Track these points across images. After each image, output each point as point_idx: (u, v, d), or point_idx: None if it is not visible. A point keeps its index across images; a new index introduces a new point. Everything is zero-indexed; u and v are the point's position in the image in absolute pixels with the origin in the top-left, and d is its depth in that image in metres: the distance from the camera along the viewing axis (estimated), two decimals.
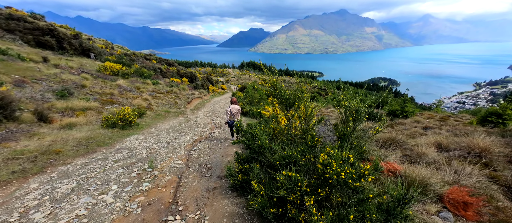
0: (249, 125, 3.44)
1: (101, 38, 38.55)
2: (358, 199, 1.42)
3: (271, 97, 2.82)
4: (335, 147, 1.60)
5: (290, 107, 2.58)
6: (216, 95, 26.66)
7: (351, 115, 2.06)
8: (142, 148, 4.80)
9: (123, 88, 14.97)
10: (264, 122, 4.65)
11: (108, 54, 26.58)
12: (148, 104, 13.17)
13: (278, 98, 2.62)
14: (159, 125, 8.31)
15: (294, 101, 2.75)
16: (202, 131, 7.05)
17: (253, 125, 3.58)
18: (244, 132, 2.67)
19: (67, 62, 15.76)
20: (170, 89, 19.38)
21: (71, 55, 18.81)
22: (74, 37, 21.39)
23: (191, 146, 5.25)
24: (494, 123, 10.81)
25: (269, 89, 2.64)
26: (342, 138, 2.03)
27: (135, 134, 6.10)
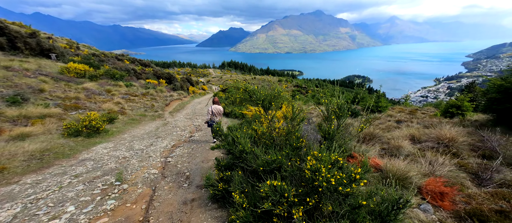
0: (229, 127, 3.22)
1: (64, 37, 34.88)
2: (350, 206, 1.30)
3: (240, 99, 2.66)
4: (323, 149, 1.47)
5: (268, 108, 2.43)
6: (196, 96, 25.77)
7: (334, 113, 1.96)
8: (111, 158, 4.27)
9: (91, 91, 13.65)
10: (246, 123, 4.45)
11: (72, 54, 24.14)
12: (121, 108, 12.16)
13: (253, 101, 2.47)
14: (133, 130, 7.64)
15: (270, 101, 2.60)
16: (181, 135, 6.60)
17: (234, 127, 3.36)
18: (224, 136, 2.45)
19: (21, 64, 13.89)
20: (146, 91, 18.19)
21: (27, 56, 16.65)
22: (30, 35, 18.96)
23: (168, 152, 4.83)
24: (454, 114, 11.96)
25: (242, 93, 2.47)
26: (327, 137, 1.93)
27: (103, 142, 5.47)
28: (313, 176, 1.32)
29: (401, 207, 1.19)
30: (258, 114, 4.18)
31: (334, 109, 1.97)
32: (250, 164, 1.96)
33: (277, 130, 2.69)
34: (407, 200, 1.20)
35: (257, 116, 4.52)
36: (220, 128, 2.56)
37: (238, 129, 3.41)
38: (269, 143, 2.47)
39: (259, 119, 3.96)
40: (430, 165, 3.63)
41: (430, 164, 3.67)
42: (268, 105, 2.47)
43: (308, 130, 4.07)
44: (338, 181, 1.25)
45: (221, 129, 2.56)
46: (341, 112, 1.91)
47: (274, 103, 2.61)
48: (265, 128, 2.99)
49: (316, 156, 1.44)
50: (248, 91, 2.64)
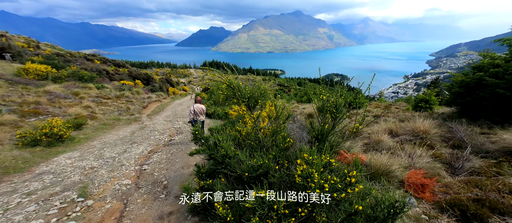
0: (211, 129, 2.97)
1: (22, 35, 31.07)
2: (345, 213, 1.19)
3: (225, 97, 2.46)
4: (314, 151, 1.34)
5: (253, 107, 2.26)
6: (177, 98, 24.70)
7: (331, 112, 1.86)
8: (75, 169, 3.75)
9: (55, 95, 12.30)
10: (229, 124, 4.22)
11: (32, 54, 21.64)
12: (91, 112, 11.10)
13: (238, 99, 2.28)
14: (105, 136, 6.95)
15: (257, 99, 2.44)
16: (160, 139, 6.13)
17: (216, 129, 3.12)
18: (204, 139, 2.20)
19: None
20: (121, 93, 16.92)
21: None
22: None
23: (145, 159, 4.41)
24: (423, 108, 12.96)
25: (226, 89, 2.27)
26: (320, 139, 1.81)
27: (67, 152, 4.83)
28: (304, 183, 1.18)
29: (398, 212, 1.11)
30: (242, 114, 3.99)
31: (331, 108, 1.86)
32: (234, 170, 1.77)
33: (263, 130, 2.53)
34: (404, 203, 1.12)
35: (241, 116, 4.32)
36: (199, 131, 2.31)
37: (220, 131, 3.18)
38: (254, 145, 2.29)
39: (243, 119, 3.76)
40: (409, 158, 3.77)
41: (410, 156, 3.81)
42: (254, 103, 2.29)
43: (294, 129, 3.99)
44: (333, 186, 1.13)
45: (201, 132, 2.31)
46: (338, 113, 1.81)
47: (260, 102, 2.44)
48: (250, 128, 2.81)
49: (307, 159, 1.30)
50: (232, 87, 2.43)
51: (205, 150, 2.14)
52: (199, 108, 5.57)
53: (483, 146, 4.32)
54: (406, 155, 3.84)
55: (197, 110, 5.48)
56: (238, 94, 2.37)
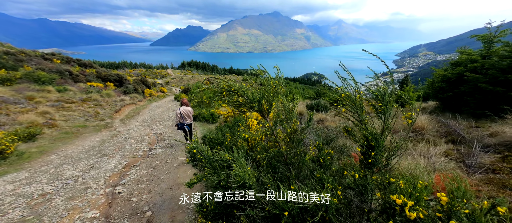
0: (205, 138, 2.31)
1: None
2: None
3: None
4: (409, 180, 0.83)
5: (268, 112, 1.70)
6: (155, 100, 22.87)
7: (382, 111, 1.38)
8: (18, 199, 2.76)
9: (1, 99, 10.31)
10: (226, 129, 3.55)
11: None
12: (49, 120, 9.44)
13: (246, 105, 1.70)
14: (66, 148, 5.73)
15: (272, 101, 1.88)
16: (137, 149, 5.17)
17: (213, 137, 2.45)
18: (207, 160, 1.52)
19: None
20: (88, 96, 14.96)
21: None
22: None
23: (118, 177, 3.51)
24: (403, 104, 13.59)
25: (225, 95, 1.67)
26: (376, 145, 1.33)
27: (10, 173, 3.69)
28: None
29: None
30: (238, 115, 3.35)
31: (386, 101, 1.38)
32: (262, 208, 1.17)
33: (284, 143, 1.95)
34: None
35: (240, 118, 3.67)
36: (197, 149, 1.62)
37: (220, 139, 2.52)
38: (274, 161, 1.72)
39: (244, 122, 3.14)
40: (425, 158, 3.53)
41: (425, 157, 3.58)
42: (268, 107, 1.72)
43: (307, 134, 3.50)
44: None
45: (199, 148, 1.62)
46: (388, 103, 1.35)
47: (274, 103, 1.86)
48: (259, 135, 2.20)
49: (403, 188, 0.80)
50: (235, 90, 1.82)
51: (209, 177, 1.46)
52: (186, 111, 5.30)
53: (483, 140, 4.30)
54: (422, 156, 3.59)
55: (183, 113, 5.22)
56: (243, 100, 1.77)
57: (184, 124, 5.20)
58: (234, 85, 1.86)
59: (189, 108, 5.40)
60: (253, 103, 1.83)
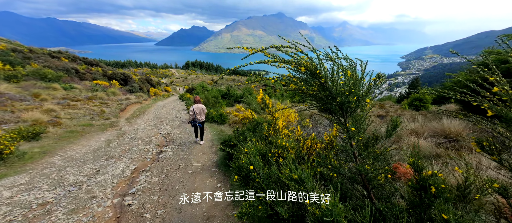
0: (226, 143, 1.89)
1: None
2: None
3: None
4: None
5: (352, 111, 1.28)
6: (159, 99, 22.69)
7: None
8: (14, 209, 2.40)
9: (7, 96, 10.16)
10: (249, 132, 3.12)
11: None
12: (54, 117, 9.21)
13: (324, 100, 1.27)
14: (71, 148, 5.41)
15: (363, 98, 1.44)
16: (146, 151, 4.80)
17: (260, 149, 2.04)
18: (265, 178, 1.07)
19: None
20: (93, 95, 14.79)
21: None
22: None
23: (127, 185, 3.13)
24: (418, 107, 12.93)
25: (306, 84, 1.24)
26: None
27: (9, 176, 3.36)
28: None
29: None
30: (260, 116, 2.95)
31: None
32: None
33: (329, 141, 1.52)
34: None
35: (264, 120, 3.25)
36: (254, 164, 1.18)
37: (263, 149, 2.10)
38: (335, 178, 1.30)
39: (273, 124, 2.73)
40: (479, 171, 3.07)
41: (477, 168, 3.12)
42: (355, 105, 1.29)
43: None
44: None
45: (257, 165, 1.20)
46: None
47: (369, 100, 1.43)
48: (293, 142, 1.78)
49: None
50: (319, 76, 1.36)
51: (268, 205, 1.01)
52: (199, 108, 5.42)
53: None
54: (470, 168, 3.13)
55: (196, 111, 5.33)
56: (324, 94, 1.32)
57: (197, 121, 5.35)
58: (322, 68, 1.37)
59: (202, 105, 5.53)
60: (343, 96, 1.36)
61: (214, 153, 4.42)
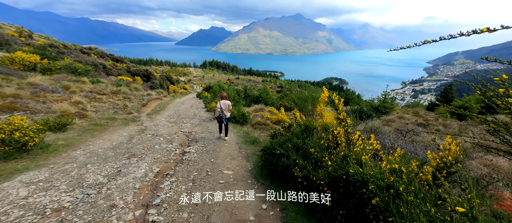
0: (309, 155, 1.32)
1: (14, 25, 29.12)
2: None
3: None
4: None
5: None
6: (178, 96, 22.99)
7: None
8: (26, 215, 2.08)
9: (41, 87, 10.57)
10: (296, 139, 2.52)
11: (22, 44, 20.03)
12: (80, 109, 9.39)
13: None
14: (94, 142, 5.25)
15: None
16: (169, 151, 4.43)
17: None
18: None
19: None
20: (117, 89, 15.17)
21: None
22: None
23: (150, 190, 2.71)
24: (462, 116, 11.38)
25: None
26: None
27: (30, 170, 3.13)
28: None
29: None
30: (307, 120, 2.38)
31: None
32: None
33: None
34: None
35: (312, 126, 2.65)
36: None
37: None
38: None
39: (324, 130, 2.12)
40: None
41: None
42: None
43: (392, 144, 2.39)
44: None
45: None
46: None
47: None
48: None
49: None
50: None
51: None
52: (226, 105, 5.52)
53: None
54: None
55: (223, 107, 5.45)
56: None
57: (223, 117, 5.46)
58: None
59: (228, 102, 5.60)
60: None
61: (244, 158, 3.90)
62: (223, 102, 5.52)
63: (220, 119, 5.52)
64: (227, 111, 5.53)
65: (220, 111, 5.42)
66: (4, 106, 7.37)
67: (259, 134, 6.09)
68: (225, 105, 5.49)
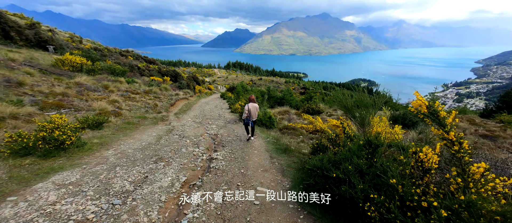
0: None
1: (67, 31, 33.30)
2: None
3: None
4: None
5: None
6: (203, 96, 23.56)
7: None
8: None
9: (85, 86, 11.49)
10: (357, 158, 1.98)
11: (73, 48, 22.49)
12: (116, 108, 9.93)
13: None
14: (125, 141, 5.33)
15: None
16: (195, 155, 4.20)
17: None
18: None
19: (7, 54, 11.90)
20: (149, 89, 16.02)
21: (20, 47, 14.97)
22: (29, 27, 17.56)
23: (176, 205, 2.41)
24: None
25: None
26: None
27: (65, 170, 3.14)
28: None
29: None
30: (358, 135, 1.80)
31: None
32: None
33: None
34: None
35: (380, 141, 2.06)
36: None
37: None
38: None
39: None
40: None
41: None
42: None
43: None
44: None
45: None
46: None
47: None
48: None
49: None
50: None
51: None
52: (254, 107, 5.48)
53: None
54: None
55: (252, 110, 5.40)
56: None
57: (250, 119, 5.43)
58: None
59: (256, 104, 5.57)
60: None
61: (279, 171, 3.39)
62: (252, 105, 5.50)
63: (247, 122, 5.50)
64: (255, 114, 5.51)
65: (248, 113, 5.40)
66: (54, 104, 8.06)
67: (289, 141, 5.57)
68: (253, 107, 5.46)
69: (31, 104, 7.55)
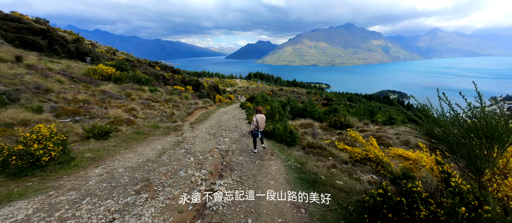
0: None
1: (106, 45, 36.83)
2: None
3: None
4: None
5: None
6: (223, 105, 23.20)
7: None
8: None
9: (109, 94, 11.65)
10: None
11: (107, 59, 24.27)
12: (132, 116, 9.68)
13: None
14: (123, 155, 4.65)
15: None
16: (193, 183, 3.21)
17: None
18: None
19: (46, 63, 12.78)
20: (170, 97, 16.03)
21: (61, 58, 16.33)
22: (74, 41, 19.67)
23: None
24: None
25: None
26: None
27: (24, 198, 2.42)
28: None
29: None
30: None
31: None
32: None
33: None
34: None
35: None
36: None
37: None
38: None
39: None
40: None
41: None
42: None
43: None
44: None
45: None
46: None
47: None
48: None
49: None
50: None
51: None
52: (262, 118, 5.48)
53: None
54: None
55: (260, 121, 5.39)
56: None
57: (258, 130, 5.37)
58: None
59: (263, 115, 5.55)
60: None
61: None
62: (260, 116, 5.44)
63: (255, 133, 5.39)
64: (263, 125, 5.49)
65: (256, 124, 5.35)
66: (70, 110, 7.95)
67: (317, 165, 4.29)
68: (261, 118, 5.42)
69: (50, 111, 7.52)
